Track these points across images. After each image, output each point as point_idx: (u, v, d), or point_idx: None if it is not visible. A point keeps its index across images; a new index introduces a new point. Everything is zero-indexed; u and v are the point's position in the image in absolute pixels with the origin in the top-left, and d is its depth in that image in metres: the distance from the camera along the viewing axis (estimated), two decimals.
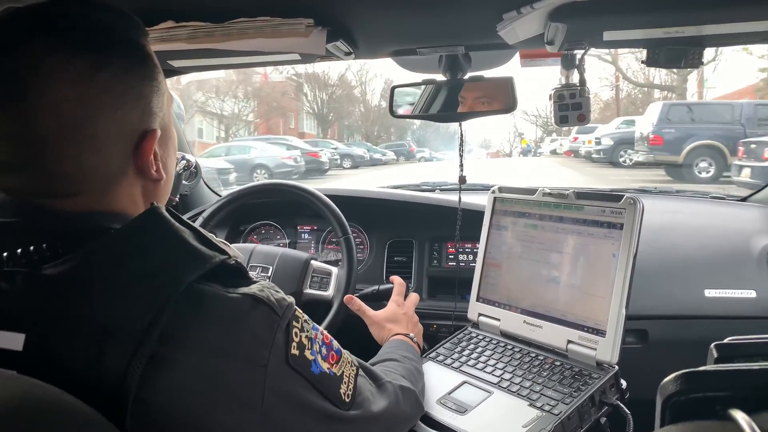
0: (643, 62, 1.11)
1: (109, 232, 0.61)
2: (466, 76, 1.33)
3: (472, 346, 1.22)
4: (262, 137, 21.46)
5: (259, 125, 28.92)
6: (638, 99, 26.55)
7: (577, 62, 1.24)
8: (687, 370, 0.46)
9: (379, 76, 38.81)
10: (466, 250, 1.64)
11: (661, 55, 1.06)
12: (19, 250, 0.58)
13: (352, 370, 0.77)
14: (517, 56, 1.34)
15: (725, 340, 0.56)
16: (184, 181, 1.66)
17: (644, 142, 11.48)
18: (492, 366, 1.13)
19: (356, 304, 1.27)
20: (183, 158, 1.66)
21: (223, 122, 26.02)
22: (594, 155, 15.59)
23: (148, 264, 0.59)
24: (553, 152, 26.38)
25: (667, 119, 11.12)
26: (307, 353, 0.67)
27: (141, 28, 0.67)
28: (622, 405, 1.01)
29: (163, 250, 0.61)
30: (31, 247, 0.59)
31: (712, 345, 0.56)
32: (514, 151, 42.25)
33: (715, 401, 0.44)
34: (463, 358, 1.18)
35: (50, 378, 0.51)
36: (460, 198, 1.43)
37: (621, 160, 14.18)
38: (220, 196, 1.86)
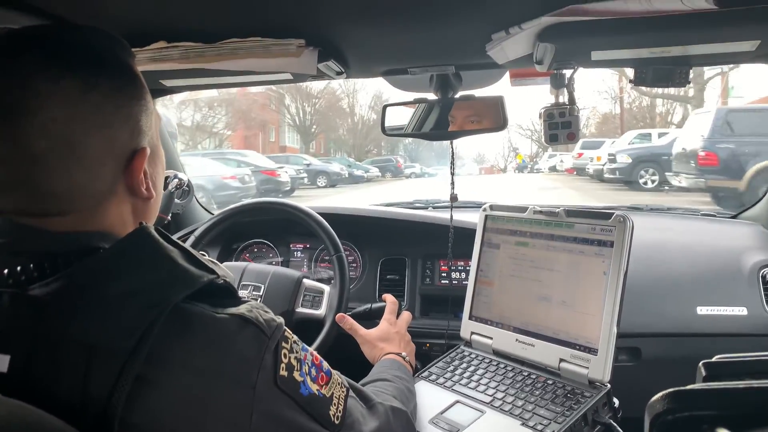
0: (630, 81, 1.13)
1: (98, 252, 0.61)
2: (457, 95, 1.34)
3: (464, 365, 1.21)
4: (212, 151, 19.88)
5: (233, 138, 26.47)
6: (638, 113, 25.60)
7: (566, 81, 1.25)
8: (674, 389, 0.46)
9: (367, 87, 37.12)
10: (459, 268, 1.64)
11: (648, 74, 1.08)
12: (5, 271, 0.58)
13: (342, 392, 0.76)
14: (507, 75, 1.36)
15: (713, 359, 0.56)
16: (176, 200, 1.66)
17: (689, 160, 8.43)
18: (485, 385, 1.12)
19: (348, 322, 1.26)
20: (176, 177, 1.66)
21: (186, 134, 23.28)
22: (607, 174, 12.70)
23: (136, 284, 0.59)
24: (553, 169, 24.88)
25: (721, 131, 8.07)
26: (296, 374, 0.67)
27: (128, 50, 0.68)
28: (614, 424, 1.00)
29: (152, 270, 0.60)
30: (18, 268, 0.58)
31: (701, 363, 0.56)
32: (509, 166, 42.13)
33: (702, 420, 0.44)
34: (456, 377, 1.17)
35: (35, 400, 0.51)
36: (451, 216, 1.43)
37: (641, 181, 11.57)
38: (213, 214, 1.86)
